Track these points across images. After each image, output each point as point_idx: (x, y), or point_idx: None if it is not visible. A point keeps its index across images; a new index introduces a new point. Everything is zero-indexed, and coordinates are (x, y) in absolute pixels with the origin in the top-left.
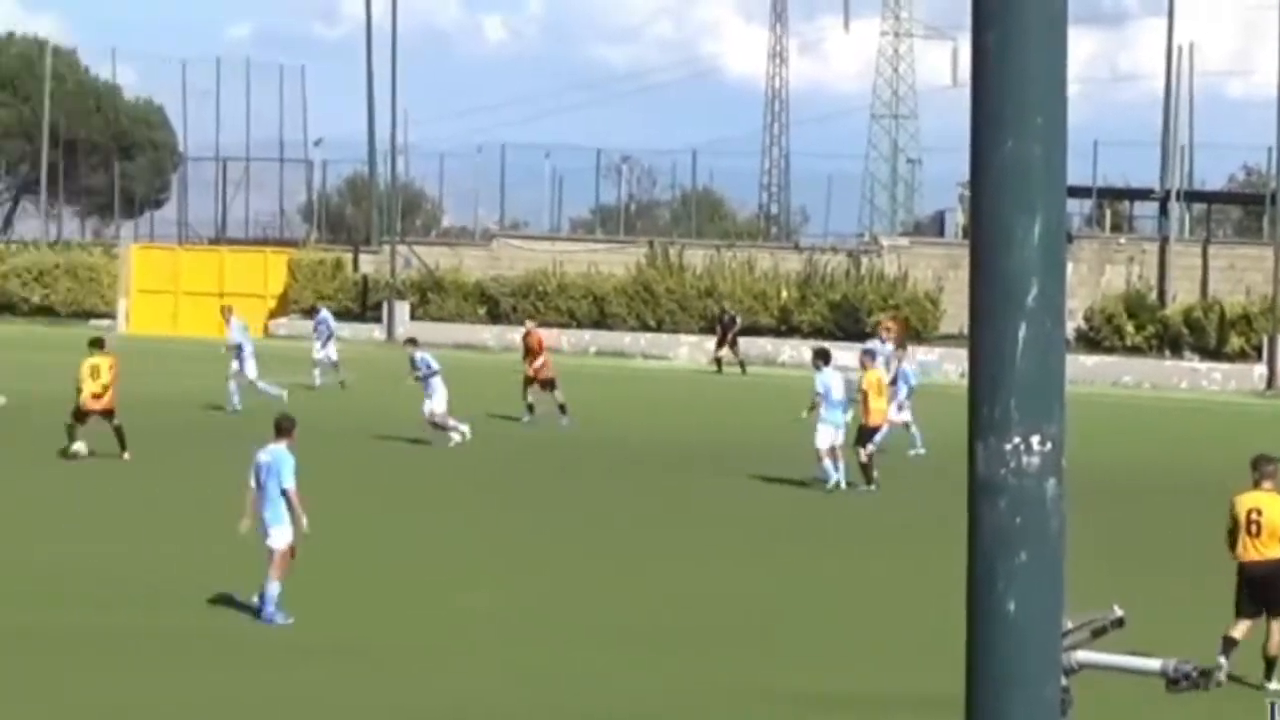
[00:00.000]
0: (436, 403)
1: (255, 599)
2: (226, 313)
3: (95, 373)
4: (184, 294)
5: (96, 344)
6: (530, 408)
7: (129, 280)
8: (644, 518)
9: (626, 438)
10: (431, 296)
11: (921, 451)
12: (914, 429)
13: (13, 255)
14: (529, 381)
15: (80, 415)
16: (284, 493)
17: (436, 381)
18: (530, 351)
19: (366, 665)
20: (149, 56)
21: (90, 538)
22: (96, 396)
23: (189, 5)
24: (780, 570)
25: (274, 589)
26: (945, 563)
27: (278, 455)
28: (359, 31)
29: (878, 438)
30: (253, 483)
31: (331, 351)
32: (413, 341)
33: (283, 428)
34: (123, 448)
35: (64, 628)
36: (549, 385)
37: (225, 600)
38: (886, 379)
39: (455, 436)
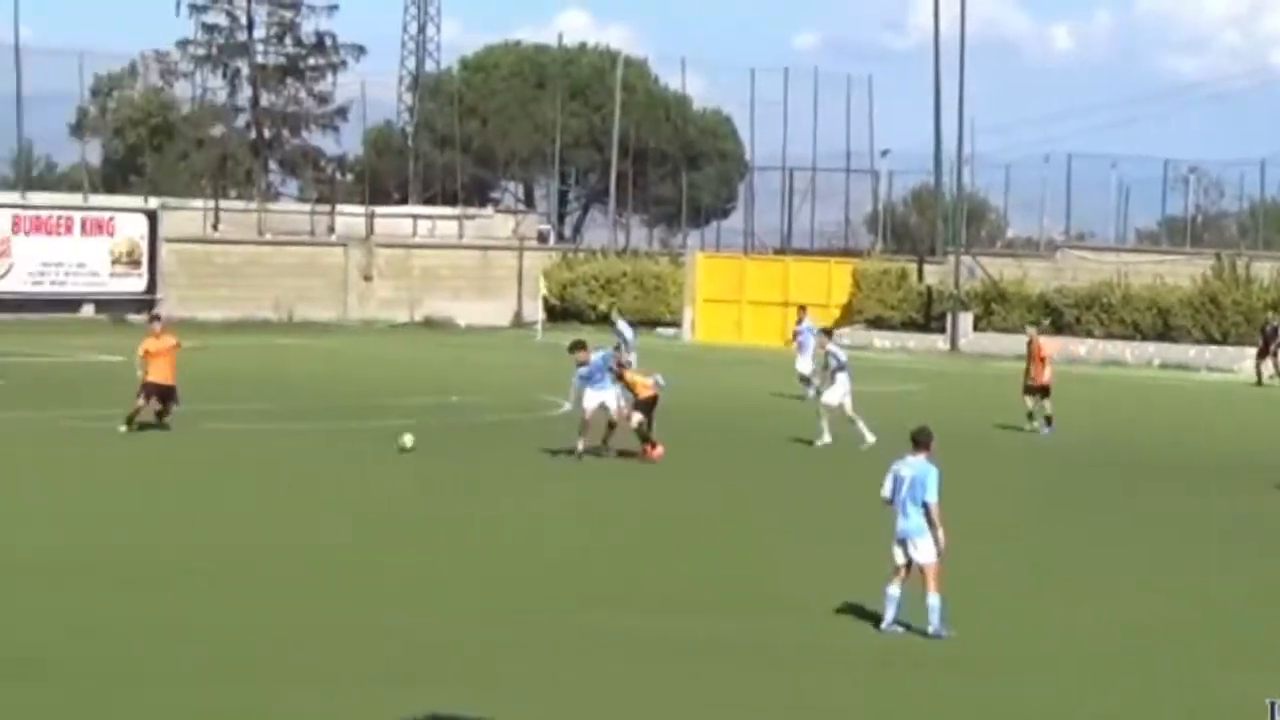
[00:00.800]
0: (837, 395)
1: (890, 611)
2: (616, 315)
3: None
4: (749, 303)
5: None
6: (1030, 416)
7: (694, 289)
8: (1179, 529)
9: (1176, 449)
10: (995, 307)
11: None
12: None
13: (581, 264)
14: (1031, 390)
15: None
16: (925, 506)
17: (843, 376)
18: (1034, 359)
19: (961, 674)
20: (717, 66)
21: (683, 545)
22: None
23: (758, 15)
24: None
25: (933, 601)
26: None
27: (920, 468)
28: (926, 41)
29: None
30: (887, 493)
31: (808, 363)
32: (827, 333)
33: (920, 440)
34: (652, 445)
35: (687, 636)
36: (1044, 393)
37: (852, 610)
38: None
39: (867, 436)
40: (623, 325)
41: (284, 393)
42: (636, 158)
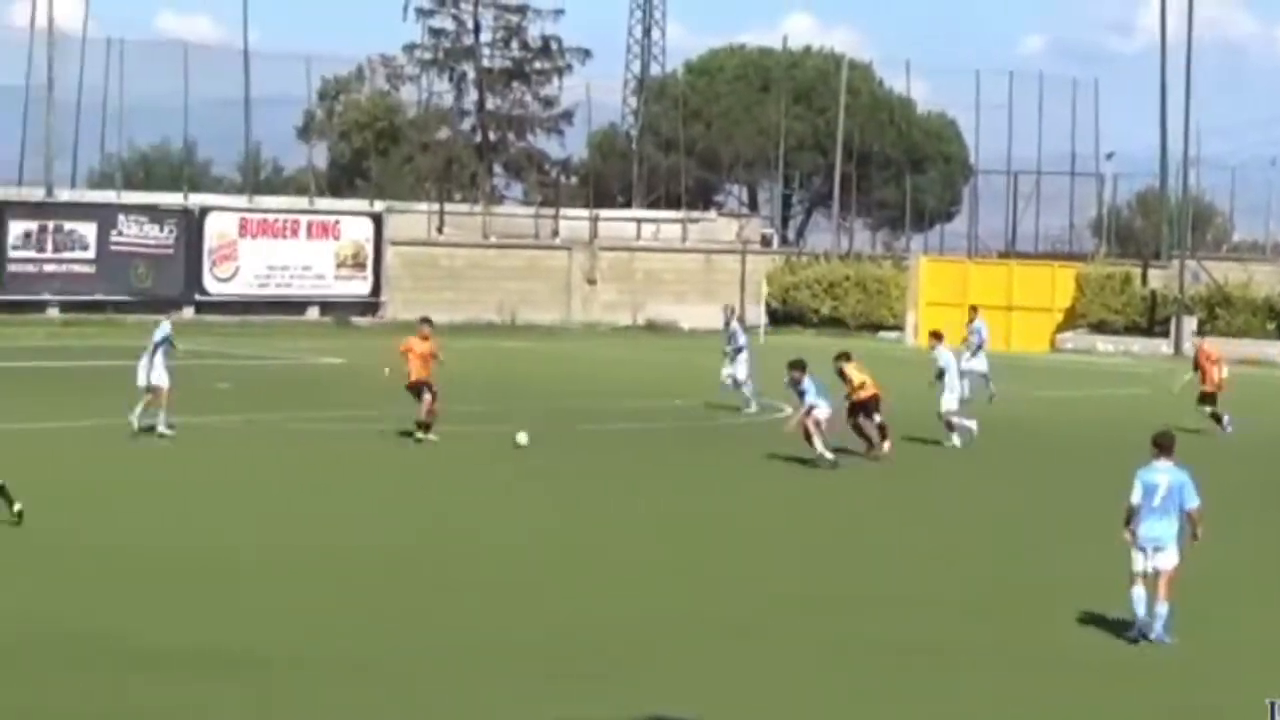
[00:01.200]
0: (948, 400)
1: (1141, 617)
2: (729, 312)
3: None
4: (972, 307)
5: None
6: (1218, 419)
7: (917, 293)
8: None
9: None
10: (1219, 312)
11: None
12: None
13: (804, 267)
14: (1203, 397)
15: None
16: (1188, 513)
17: (954, 380)
18: (1205, 365)
19: (1183, 681)
20: (942, 70)
21: (896, 547)
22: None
23: (984, 18)
24: None
25: (1163, 609)
26: None
27: (1176, 474)
28: (1152, 43)
29: None
30: (1137, 500)
31: (981, 363)
32: (937, 335)
33: (1164, 445)
34: (884, 438)
35: (895, 638)
36: (1211, 400)
37: (1077, 616)
38: None
39: (956, 438)
40: (735, 327)
41: (511, 395)
42: (860, 161)
